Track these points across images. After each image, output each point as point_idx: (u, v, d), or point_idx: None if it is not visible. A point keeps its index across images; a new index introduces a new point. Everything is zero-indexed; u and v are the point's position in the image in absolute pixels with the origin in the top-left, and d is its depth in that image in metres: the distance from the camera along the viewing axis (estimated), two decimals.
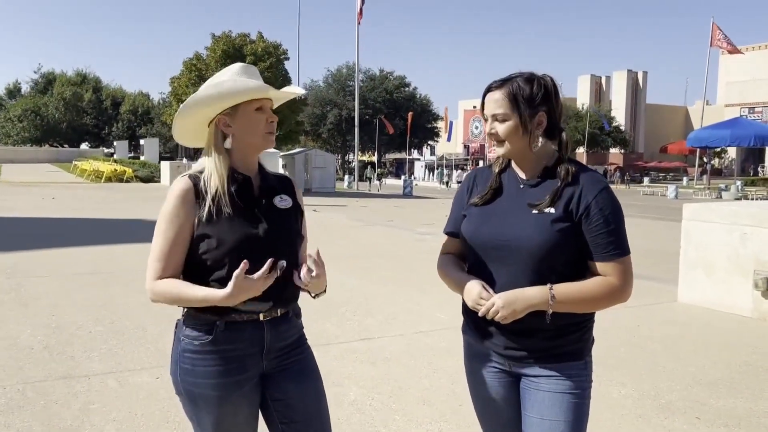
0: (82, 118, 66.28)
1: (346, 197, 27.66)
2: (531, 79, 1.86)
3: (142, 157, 46.56)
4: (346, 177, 44.00)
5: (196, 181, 1.87)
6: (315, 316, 5.60)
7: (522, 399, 1.93)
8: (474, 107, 53.53)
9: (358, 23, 37.24)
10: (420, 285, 7.22)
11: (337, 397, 3.81)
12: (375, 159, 60.32)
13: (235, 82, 1.89)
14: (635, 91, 65.77)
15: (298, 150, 36.68)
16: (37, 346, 4.81)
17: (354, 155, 47.33)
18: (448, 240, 2.09)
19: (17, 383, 4.03)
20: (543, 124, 1.87)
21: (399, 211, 20.34)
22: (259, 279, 1.74)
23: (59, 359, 4.53)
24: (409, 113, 54.65)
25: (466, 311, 1.98)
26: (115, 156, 48.66)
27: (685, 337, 5.54)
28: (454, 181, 45.26)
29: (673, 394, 4.11)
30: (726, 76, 59.83)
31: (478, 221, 1.93)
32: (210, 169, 1.88)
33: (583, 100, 63.43)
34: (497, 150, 1.91)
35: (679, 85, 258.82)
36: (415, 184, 38.11)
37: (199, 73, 29.43)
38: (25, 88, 73.91)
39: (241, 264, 1.71)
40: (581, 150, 55.26)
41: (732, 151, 56.53)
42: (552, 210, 1.81)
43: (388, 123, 52.45)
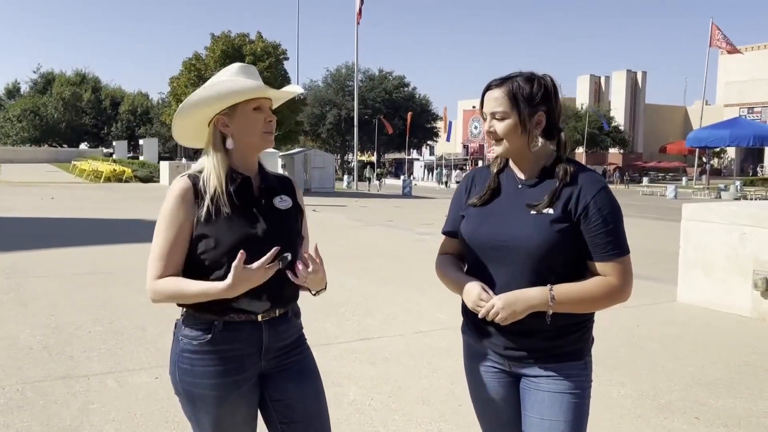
0: (81, 118, 66.24)
1: (346, 197, 27.67)
2: (531, 78, 1.86)
3: (141, 157, 46.58)
4: (346, 177, 43.98)
5: (195, 181, 1.88)
6: (314, 316, 5.60)
7: (522, 399, 1.93)
8: (473, 107, 53.58)
9: (358, 23, 37.29)
10: (419, 285, 7.23)
11: (337, 397, 3.81)
12: (374, 159, 60.34)
13: (232, 82, 1.89)
14: (634, 91, 65.80)
15: (297, 150, 36.69)
16: (36, 346, 4.81)
17: (353, 155, 47.33)
18: (446, 240, 2.09)
19: (16, 383, 4.03)
20: (542, 123, 1.86)
21: (398, 211, 20.34)
22: (258, 269, 1.74)
23: (58, 359, 4.53)
24: (409, 113, 54.69)
25: (465, 311, 1.98)
26: (114, 156, 48.63)
27: (685, 337, 5.55)
28: (453, 181, 45.27)
29: (672, 394, 4.11)
30: (725, 76, 59.85)
31: (477, 222, 1.93)
32: (209, 169, 1.88)
33: (582, 100, 63.46)
34: (495, 149, 1.91)
35: (678, 85, 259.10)
36: (415, 184, 38.11)
37: (199, 73, 29.47)
38: (24, 88, 73.92)
39: (239, 254, 1.71)
40: (580, 150, 55.29)
41: (731, 151, 56.57)
42: (551, 210, 1.81)
43: (387, 123, 52.45)
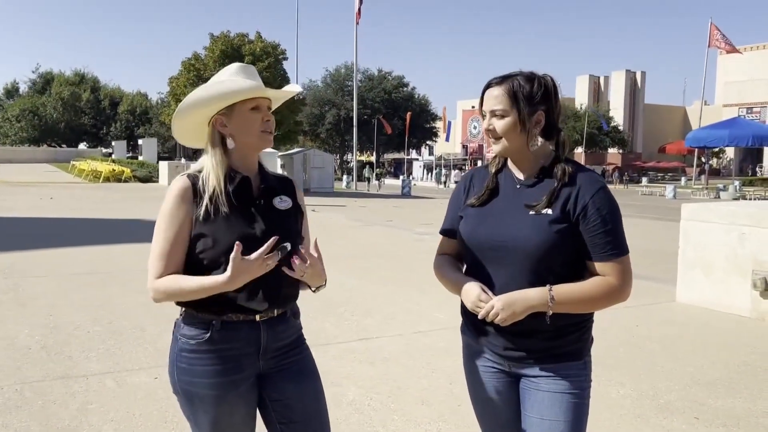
0: (80, 118, 66.15)
1: (345, 197, 27.67)
2: (532, 77, 1.86)
3: (141, 157, 46.57)
4: (345, 177, 43.98)
5: (194, 180, 1.88)
6: (314, 316, 5.60)
7: (521, 399, 1.93)
8: (472, 107, 53.56)
9: (357, 23, 37.31)
10: (419, 285, 7.22)
11: (336, 397, 3.81)
12: (373, 159, 60.32)
13: (230, 82, 1.90)
14: (633, 91, 65.78)
15: (296, 150, 36.70)
16: (34, 346, 4.81)
17: (352, 155, 47.31)
18: (444, 240, 2.08)
19: (15, 383, 4.03)
20: (541, 123, 1.86)
21: (398, 211, 20.34)
22: (256, 260, 1.73)
23: (57, 359, 4.53)
24: (408, 113, 54.67)
25: (464, 312, 1.98)
26: (113, 156, 48.55)
27: (684, 337, 5.55)
28: (452, 181, 45.25)
29: (671, 394, 4.11)
30: (724, 76, 59.83)
31: (475, 222, 1.92)
32: (208, 169, 1.88)
33: (581, 100, 63.44)
34: (494, 147, 1.90)
35: (677, 85, 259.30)
36: (414, 185, 38.11)
37: (198, 73, 29.48)
38: (23, 88, 73.75)
39: (235, 246, 1.70)
40: (579, 150, 55.29)
41: (730, 151, 56.59)
42: (549, 211, 1.81)
43: (387, 123, 52.45)
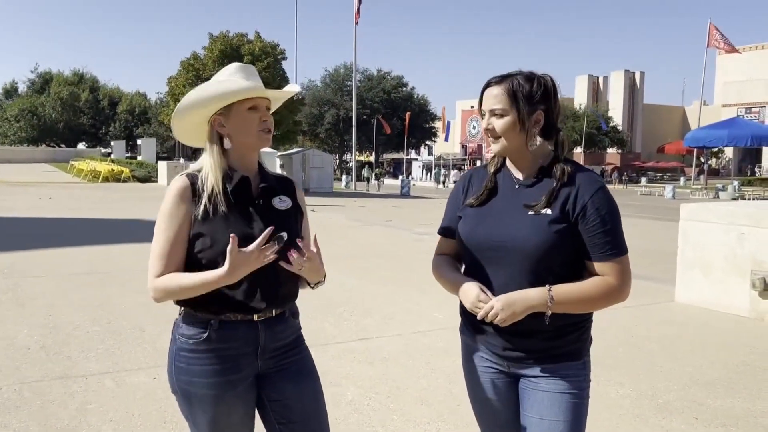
0: (79, 117, 66.09)
1: (344, 197, 27.67)
2: (531, 77, 1.86)
3: (140, 157, 46.56)
4: (344, 177, 43.98)
5: (193, 179, 1.89)
6: (313, 316, 5.60)
7: (521, 399, 1.93)
8: (471, 107, 53.50)
9: (356, 23, 37.33)
10: (418, 285, 7.22)
11: (335, 397, 3.81)
12: (372, 159, 60.30)
13: (226, 83, 1.90)
14: (632, 91, 65.78)
15: (295, 150, 36.70)
16: (33, 346, 4.80)
17: (351, 155, 47.31)
18: (442, 240, 2.08)
19: (14, 383, 4.02)
20: (540, 122, 1.86)
21: (397, 211, 20.34)
22: (253, 252, 1.73)
23: (56, 359, 4.52)
24: (407, 113, 54.64)
25: (463, 312, 1.97)
26: (112, 156, 48.54)
27: (683, 337, 5.55)
28: (451, 181, 45.24)
29: (670, 394, 4.12)
30: (723, 76, 59.80)
31: (474, 222, 1.92)
32: (207, 168, 1.89)
33: (580, 100, 63.45)
34: (493, 146, 1.90)
35: (676, 85, 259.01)
36: (413, 185, 38.12)
37: (197, 72, 29.48)
38: (21, 88, 73.67)
39: (231, 238, 1.70)
40: (579, 150, 55.29)
41: (729, 151, 56.59)
42: (549, 211, 1.81)
43: (386, 123, 52.42)
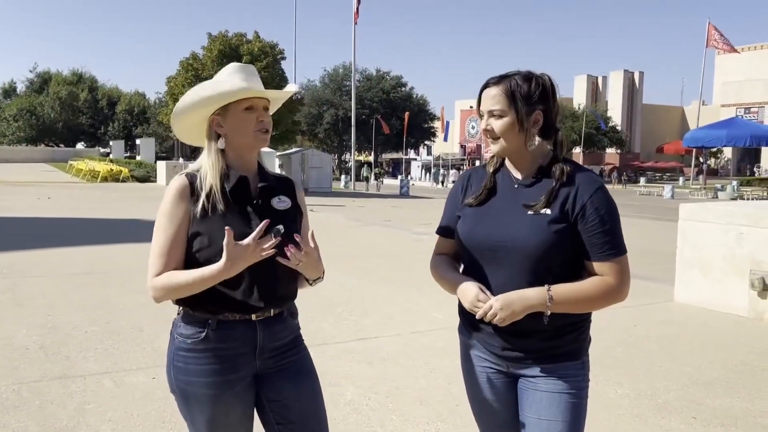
0: (77, 117, 66.03)
1: (343, 197, 27.67)
2: (529, 77, 1.85)
3: (138, 157, 46.52)
4: (343, 177, 43.98)
5: (192, 179, 1.89)
6: (312, 316, 5.60)
7: (519, 399, 1.92)
8: (470, 107, 53.48)
9: (355, 23, 37.34)
10: (418, 285, 7.21)
11: (334, 397, 3.81)
12: (371, 159, 60.30)
13: (221, 83, 1.91)
14: (632, 91, 65.79)
15: (294, 150, 36.70)
16: (32, 346, 4.80)
17: (350, 155, 47.34)
18: (440, 240, 2.07)
19: (12, 383, 4.02)
20: (539, 122, 1.86)
21: (396, 211, 20.35)
22: (250, 245, 1.72)
23: (55, 359, 4.52)
24: (406, 113, 54.63)
25: (462, 312, 1.97)
26: (111, 156, 48.52)
27: (682, 336, 5.55)
28: (450, 181, 45.24)
29: (669, 393, 4.12)
30: (722, 76, 59.83)
31: (473, 222, 1.92)
32: (206, 167, 1.90)
33: (579, 99, 63.42)
34: (492, 147, 1.90)
35: (675, 85, 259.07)
36: (412, 184, 38.12)
37: (196, 72, 29.47)
38: (20, 88, 73.61)
39: (226, 232, 1.70)
40: (578, 150, 55.29)
41: (728, 151, 56.64)
42: (548, 211, 1.80)
43: (385, 123, 52.42)
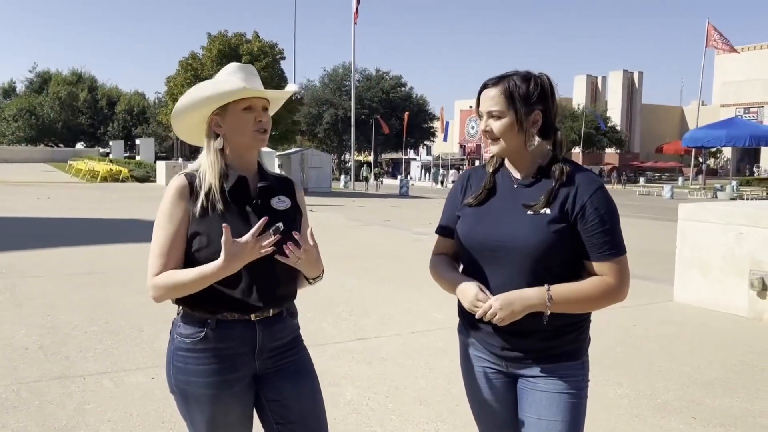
0: (77, 117, 65.96)
1: (343, 197, 27.67)
2: (528, 77, 1.85)
3: (138, 157, 46.47)
4: (342, 177, 43.99)
5: (191, 179, 1.89)
6: (311, 316, 5.60)
7: (519, 399, 1.92)
8: (470, 107, 53.46)
9: (354, 23, 37.37)
10: (418, 285, 7.21)
11: (333, 397, 3.81)
12: (371, 159, 60.29)
13: (220, 83, 1.91)
14: (631, 91, 65.80)
15: (294, 150, 36.70)
16: (31, 346, 4.79)
17: (350, 155, 47.33)
18: (439, 240, 2.07)
19: (12, 383, 4.02)
20: (538, 122, 1.86)
21: (396, 211, 20.35)
22: (248, 242, 1.72)
23: (54, 359, 4.52)
24: (406, 113, 54.62)
25: (461, 312, 1.97)
26: (110, 156, 48.48)
27: (681, 336, 5.55)
28: (449, 181, 45.26)
29: (669, 393, 4.12)
30: (721, 76, 59.83)
31: (473, 222, 1.92)
32: (205, 167, 1.90)
33: (579, 99, 63.41)
34: (492, 148, 1.90)
35: (674, 85, 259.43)
36: (412, 184, 38.13)
37: (195, 72, 29.46)
38: (20, 88, 73.53)
39: (224, 229, 1.70)
40: (577, 150, 55.30)
41: (727, 152, 56.64)
42: (548, 211, 1.80)
43: (384, 123, 52.42)
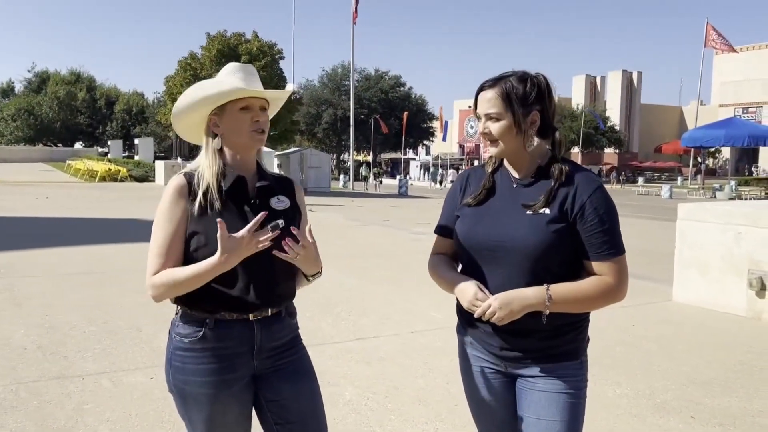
0: (76, 117, 65.91)
1: (342, 197, 27.66)
2: (524, 78, 1.85)
3: (137, 157, 46.41)
4: (342, 176, 43.99)
5: (190, 178, 1.89)
6: (310, 315, 5.60)
7: (518, 399, 1.92)
8: (469, 107, 53.42)
9: (354, 23, 37.38)
10: (416, 285, 7.21)
11: (332, 397, 3.80)
12: (370, 159, 60.30)
13: (216, 83, 1.91)
14: (630, 91, 65.87)
15: (293, 149, 36.70)
16: (30, 346, 4.79)
17: (349, 155, 47.35)
18: (438, 240, 2.07)
19: (10, 383, 4.01)
20: (536, 123, 1.86)
21: (395, 210, 20.35)
22: (244, 237, 1.72)
23: (52, 359, 4.51)
24: (405, 113, 54.63)
25: (460, 311, 1.97)
26: (109, 155, 48.44)
27: (680, 336, 5.55)
28: (449, 181, 45.26)
29: (668, 393, 4.12)
30: (720, 76, 59.86)
31: (472, 221, 1.92)
32: (203, 167, 1.90)
33: (578, 99, 63.45)
34: (490, 150, 1.90)
35: (673, 85, 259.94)
36: (411, 184, 38.13)
37: (194, 72, 29.47)
38: (18, 87, 73.45)
39: (219, 224, 1.70)
40: (576, 150, 55.32)
41: (726, 151, 56.69)
42: (547, 210, 1.80)
43: (383, 123, 52.43)
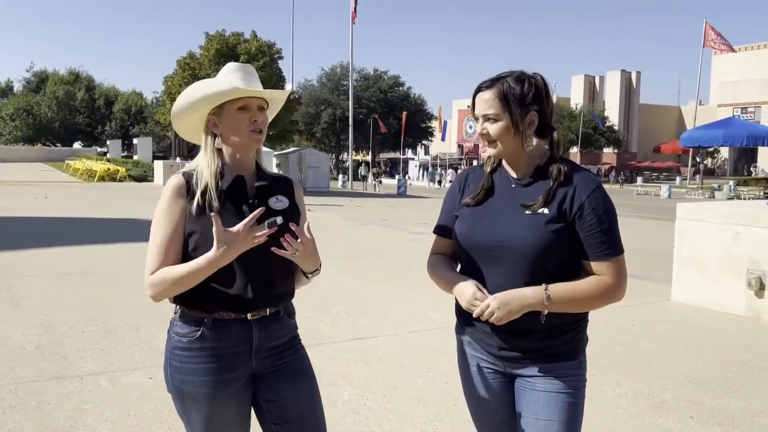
0: (74, 117, 65.86)
1: (341, 197, 27.66)
2: (521, 78, 1.84)
3: (135, 156, 46.42)
4: (340, 176, 43.98)
5: (188, 178, 1.89)
6: (309, 315, 5.60)
7: (517, 399, 1.92)
8: (468, 107, 53.33)
9: (353, 22, 37.39)
10: (415, 284, 7.22)
11: (331, 396, 3.81)
12: (369, 158, 60.29)
13: (214, 84, 1.91)
14: (629, 91, 65.95)
15: (292, 149, 36.70)
16: (29, 346, 4.78)
17: (348, 155, 47.34)
18: (437, 240, 2.07)
19: (9, 383, 4.01)
20: (534, 123, 1.86)
21: (393, 210, 20.35)
22: (241, 231, 1.72)
23: (51, 359, 4.51)
24: (404, 113, 54.61)
25: (459, 311, 1.97)
26: (108, 155, 48.44)
27: (679, 336, 5.56)
28: (447, 181, 45.26)
29: (667, 393, 4.12)
30: (719, 76, 59.92)
31: (471, 221, 1.92)
32: (202, 167, 1.90)
33: (576, 99, 63.53)
34: (489, 150, 1.90)
35: (672, 85, 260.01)
36: (409, 184, 38.14)
37: (193, 72, 29.44)
38: (17, 87, 73.42)
39: (213, 218, 1.70)
40: (575, 150, 55.36)
41: (725, 151, 56.73)
42: (545, 210, 1.80)
43: (382, 122, 52.44)
